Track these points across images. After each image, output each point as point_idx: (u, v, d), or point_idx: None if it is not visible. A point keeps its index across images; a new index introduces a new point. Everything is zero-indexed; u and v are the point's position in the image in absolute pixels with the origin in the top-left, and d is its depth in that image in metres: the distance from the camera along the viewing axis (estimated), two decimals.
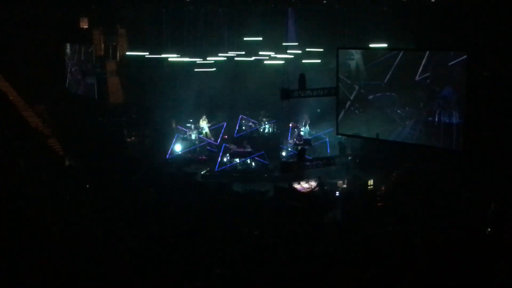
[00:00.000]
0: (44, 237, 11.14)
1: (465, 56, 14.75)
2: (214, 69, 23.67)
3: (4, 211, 12.63)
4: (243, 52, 23.71)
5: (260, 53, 23.42)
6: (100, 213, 13.53)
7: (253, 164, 21.94)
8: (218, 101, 25.36)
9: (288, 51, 22.89)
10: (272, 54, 23.32)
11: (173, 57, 23.46)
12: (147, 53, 23.57)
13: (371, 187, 17.38)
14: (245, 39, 23.75)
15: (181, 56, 23.36)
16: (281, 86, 17.98)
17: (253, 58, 23.61)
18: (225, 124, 24.78)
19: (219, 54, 23.73)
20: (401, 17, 19.84)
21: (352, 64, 17.96)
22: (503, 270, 7.58)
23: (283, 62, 23.21)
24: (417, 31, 18.93)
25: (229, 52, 23.89)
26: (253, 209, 15.12)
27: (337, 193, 18.16)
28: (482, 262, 7.59)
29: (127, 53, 25.56)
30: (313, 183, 18.52)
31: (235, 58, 23.89)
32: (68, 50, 27.20)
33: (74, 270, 9.39)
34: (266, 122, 25.02)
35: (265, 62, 23.62)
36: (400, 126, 16.67)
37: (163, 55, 23.57)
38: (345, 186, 18.29)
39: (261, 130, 25.11)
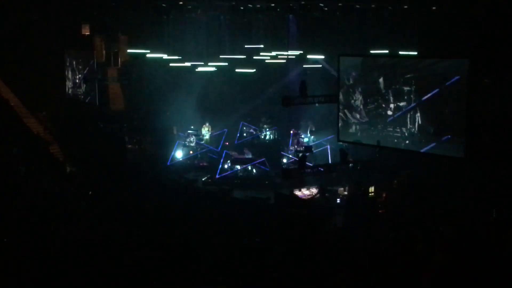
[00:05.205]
0: (45, 244, 11.11)
1: (467, 63, 14.71)
2: (215, 69, 23.66)
3: (5, 218, 12.61)
4: (244, 56, 23.68)
5: (262, 53, 23.43)
6: (101, 220, 13.51)
7: (254, 171, 21.93)
8: (220, 108, 25.36)
9: (290, 52, 22.89)
10: (273, 53, 23.33)
11: (174, 61, 23.41)
12: (148, 51, 23.49)
13: (372, 194, 17.35)
14: (246, 46, 23.75)
15: (182, 60, 23.32)
16: (282, 93, 18.02)
17: (254, 70, 23.61)
18: (226, 131, 24.80)
19: (221, 56, 23.71)
20: (402, 24, 19.87)
21: (353, 71, 17.93)
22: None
23: (284, 61, 23.21)
24: (419, 38, 18.96)
25: (230, 55, 23.85)
26: (254, 216, 15.10)
27: (338, 200, 18.16)
28: (485, 268, 7.57)
29: (129, 50, 25.44)
30: (314, 190, 18.52)
31: (236, 70, 23.88)
32: (69, 56, 27.21)
33: (76, 278, 9.36)
34: (267, 129, 25.02)
35: (266, 61, 23.62)
36: (401, 132, 16.62)
37: (164, 56, 23.52)
38: (346, 193, 18.27)
39: (262, 137, 25.11)
